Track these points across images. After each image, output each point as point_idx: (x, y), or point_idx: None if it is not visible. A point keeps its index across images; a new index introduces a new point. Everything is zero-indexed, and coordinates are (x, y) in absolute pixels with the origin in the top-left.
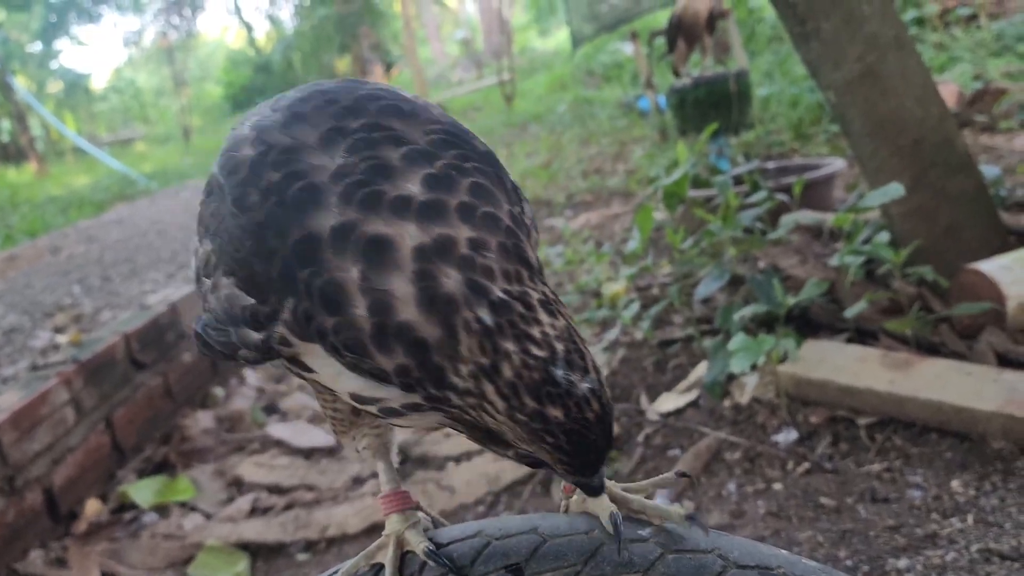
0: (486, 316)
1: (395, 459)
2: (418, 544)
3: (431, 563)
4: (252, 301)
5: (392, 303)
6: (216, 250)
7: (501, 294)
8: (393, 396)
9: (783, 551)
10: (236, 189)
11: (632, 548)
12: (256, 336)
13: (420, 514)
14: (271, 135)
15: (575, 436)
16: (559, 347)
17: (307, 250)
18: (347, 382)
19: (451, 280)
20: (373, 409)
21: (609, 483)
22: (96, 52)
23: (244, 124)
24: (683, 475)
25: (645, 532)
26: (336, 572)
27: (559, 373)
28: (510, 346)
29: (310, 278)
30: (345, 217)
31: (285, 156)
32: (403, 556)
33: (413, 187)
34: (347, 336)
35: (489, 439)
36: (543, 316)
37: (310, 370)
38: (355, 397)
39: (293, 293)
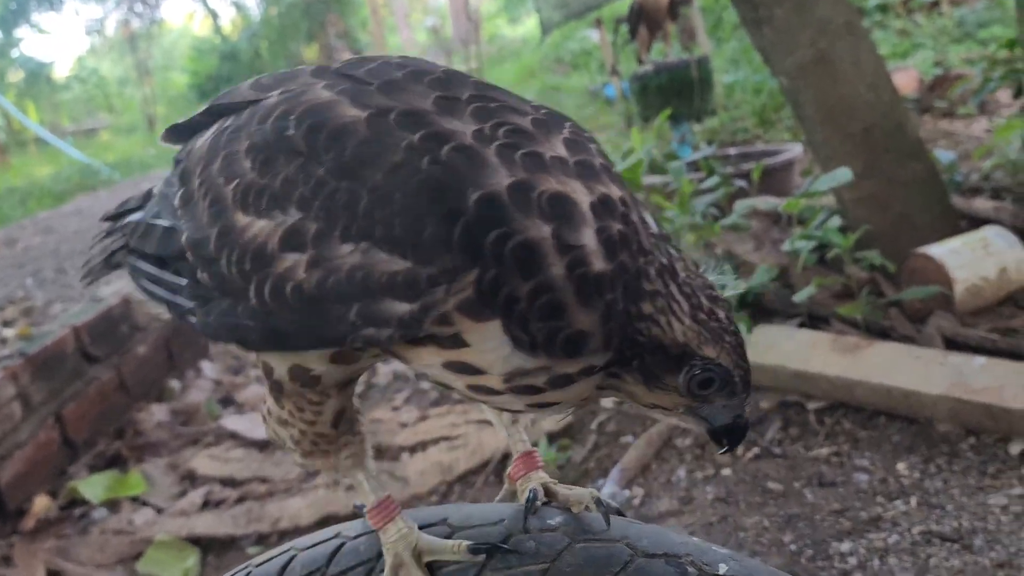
0: (652, 223)
1: (372, 467)
2: (442, 548)
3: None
4: (406, 264)
5: (588, 257)
6: (320, 216)
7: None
8: (558, 364)
9: (694, 539)
10: (357, 148)
11: (540, 538)
12: (404, 308)
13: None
14: (374, 99)
15: (738, 338)
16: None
17: (491, 210)
18: (513, 360)
19: (619, 228)
20: (526, 382)
21: (541, 474)
22: (58, 41)
23: (309, 91)
24: (598, 502)
25: (554, 522)
26: None
27: (712, 278)
28: (674, 252)
29: (499, 241)
30: (516, 176)
31: (411, 119)
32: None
33: (560, 150)
34: (546, 300)
35: (660, 370)
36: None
37: (462, 345)
38: (514, 375)
39: (476, 260)
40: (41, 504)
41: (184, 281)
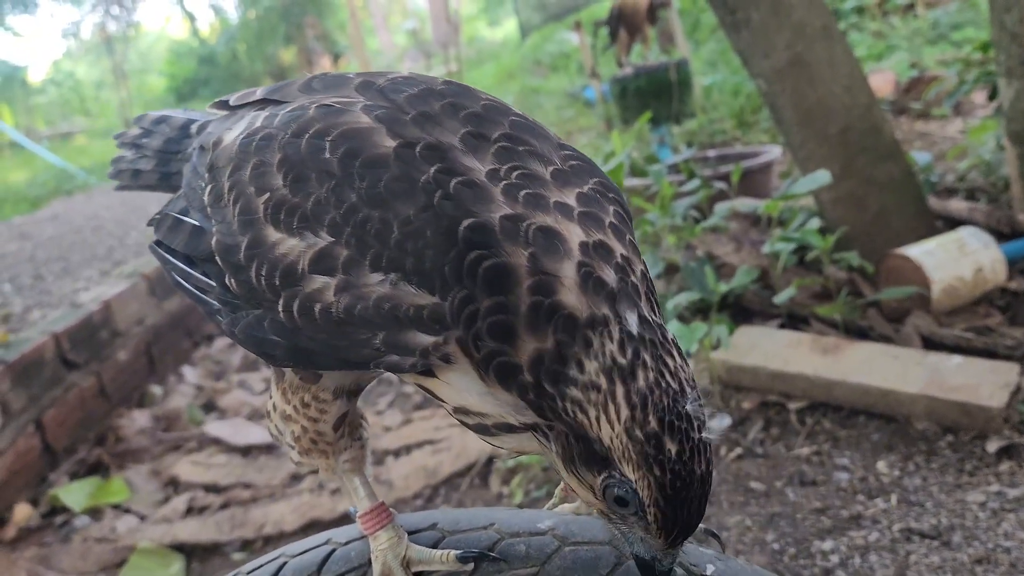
0: (633, 321)
1: (369, 472)
2: (430, 557)
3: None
4: (432, 300)
5: (556, 286)
6: (351, 243)
7: (646, 313)
8: (502, 413)
9: None
10: (390, 183)
11: (530, 541)
12: (427, 340)
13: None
14: (408, 131)
15: (679, 483)
16: (688, 389)
17: (478, 236)
18: (467, 397)
19: (610, 276)
20: (470, 422)
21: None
22: (33, 44)
23: (349, 112)
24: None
25: (544, 525)
26: None
27: (688, 408)
28: (648, 359)
29: (477, 260)
30: (513, 210)
31: (433, 153)
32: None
33: (569, 199)
34: (496, 319)
35: (581, 459)
36: (675, 353)
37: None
38: (462, 410)
39: (458, 280)
40: (22, 512)
41: (213, 283)
